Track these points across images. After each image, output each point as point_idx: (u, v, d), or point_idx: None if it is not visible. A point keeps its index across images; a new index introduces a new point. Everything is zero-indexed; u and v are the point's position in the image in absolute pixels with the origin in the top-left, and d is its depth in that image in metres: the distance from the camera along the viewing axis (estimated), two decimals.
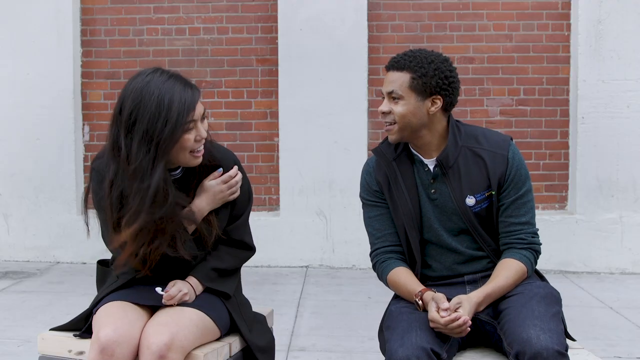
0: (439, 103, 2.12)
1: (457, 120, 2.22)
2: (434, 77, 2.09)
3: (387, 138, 2.23)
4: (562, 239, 5.41)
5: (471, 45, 5.60)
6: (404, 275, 2.16)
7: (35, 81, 5.59)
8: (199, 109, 2.02)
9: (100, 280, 2.30)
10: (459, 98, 2.21)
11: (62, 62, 5.59)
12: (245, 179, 2.25)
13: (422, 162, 2.19)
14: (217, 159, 2.18)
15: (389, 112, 2.14)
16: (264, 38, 5.68)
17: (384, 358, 1.99)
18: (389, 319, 2.12)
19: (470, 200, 2.14)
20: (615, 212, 5.42)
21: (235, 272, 2.29)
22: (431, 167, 2.17)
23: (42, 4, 5.57)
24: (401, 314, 2.08)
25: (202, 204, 2.14)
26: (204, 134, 2.04)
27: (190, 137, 2.00)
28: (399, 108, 2.12)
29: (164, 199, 1.99)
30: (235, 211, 2.25)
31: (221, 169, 2.16)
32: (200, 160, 2.09)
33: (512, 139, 2.20)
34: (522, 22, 5.58)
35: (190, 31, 5.72)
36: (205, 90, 5.55)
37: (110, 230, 2.05)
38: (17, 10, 5.58)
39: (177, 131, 1.95)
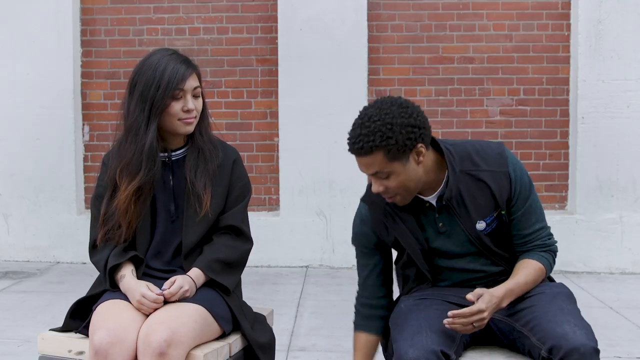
0: (423, 150, 1.97)
1: (443, 141, 2.08)
2: (401, 135, 1.90)
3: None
4: (562, 239, 5.34)
5: (471, 45, 5.60)
6: (359, 347, 2.20)
7: (35, 81, 5.59)
8: (190, 82, 2.19)
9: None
10: (459, 98, 2.18)
11: (62, 62, 5.60)
12: (244, 171, 2.35)
13: (420, 200, 2.08)
14: (218, 151, 2.31)
15: (385, 189, 1.99)
16: (264, 38, 5.68)
17: (393, 356, 1.96)
18: (398, 316, 2.10)
19: (481, 225, 2.08)
20: (615, 212, 5.42)
21: (237, 268, 2.28)
22: (433, 202, 2.08)
23: (42, 4, 5.57)
24: (411, 312, 2.06)
25: (127, 284, 2.13)
26: (191, 106, 2.19)
27: (177, 105, 2.17)
28: (392, 182, 1.97)
29: (155, 156, 2.19)
30: (231, 198, 2.29)
31: (165, 287, 2.12)
32: (190, 128, 2.22)
33: (504, 146, 2.12)
34: (522, 22, 5.58)
35: (190, 31, 5.72)
36: (206, 90, 5.53)
37: (107, 197, 2.23)
38: (17, 10, 5.58)
39: (167, 97, 2.15)
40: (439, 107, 5.56)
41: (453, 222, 2.09)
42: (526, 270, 2.07)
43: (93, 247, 2.26)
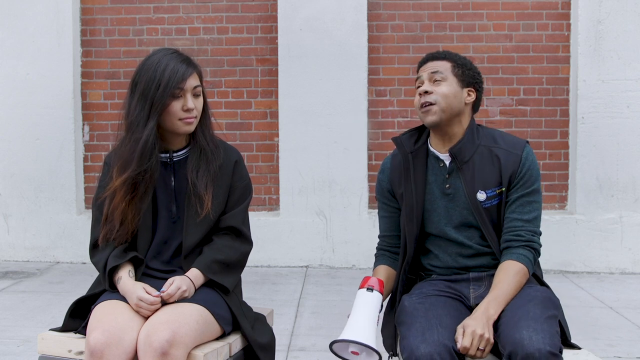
0: (473, 96, 2.23)
1: (478, 124, 2.30)
2: (471, 69, 2.23)
3: (409, 131, 2.31)
4: (562, 239, 5.41)
5: (471, 45, 5.60)
6: (379, 273, 2.34)
7: (35, 81, 5.60)
8: (191, 81, 2.19)
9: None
10: None
11: (62, 62, 5.60)
12: (245, 173, 2.35)
13: (437, 158, 2.24)
14: (220, 151, 2.31)
15: (431, 92, 2.19)
16: (264, 38, 5.69)
17: (403, 354, 1.96)
18: (403, 314, 2.11)
19: (481, 196, 2.18)
20: (615, 212, 5.42)
21: (236, 269, 2.29)
22: (447, 163, 2.23)
23: (42, 4, 5.57)
24: (417, 310, 2.08)
25: (125, 285, 2.13)
26: (191, 105, 2.19)
27: (177, 104, 2.17)
28: (442, 88, 2.19)
29: (151, 152, 2.17)
30: (232, 199, 2.29)
31: (164, 289, 2.12)
32: (190, 128, 2.22)
33: (527, 142, 2.26)
34: (522, 22, 5.58)
35: (190, 31, 5.72)
36: (206, 90, 5.54)
37: (108, 200, 2.21)
38: (17, 10, 5.58)
39: (167, 96, 2.14)
40: None
41: (459, 186, 2.20)
42: (508, 278, 2.09)
43: (94, 247, 2.25)
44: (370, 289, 2.08)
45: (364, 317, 2.00)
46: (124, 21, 5.75)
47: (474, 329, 1.93)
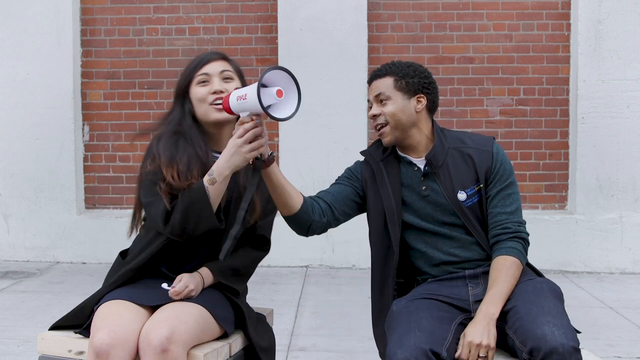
0: (424, 101, 2.26)
1: (441, 127, 2.33)
2: (414, 77, 2.25)
3: (375, 142, 2.34)
4: (562, 239, 5.41)
5: (471, 45, 5.60)
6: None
7: (35, 81, 5.60)
8: (215, 66, 2.21)
9: (114, 270, 2.29)
10: (459, 98, 2.26)
11: (62, 62, 5.60)
12: None
13: (410, 162, 2.27)
14: None
15: (379, 114, 2.25)
16: (264, 38, 5.69)
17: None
18: (390, 319, 2.13)
19: (462, 195, 2.21)
20: (615, 212, 5.42)
21: (247, 275, 2.31)
22: (421, 166, 2.25)
23: (42, 4, 5.57)
24: (401, 314, 2.09)
25: (220, 160, 2.03)
26: (218, 87, 2.18)
27: (202, 89, 2.19)
28: (388, 108, 2.23)
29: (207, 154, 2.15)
30: (268, 207, 2.30)
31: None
32: (221, 114, 2.16)
33: (494, 138, 2.31)
34: (522, 22, 5.58)
35: (190, 31, 5.72)
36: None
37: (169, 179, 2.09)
38: (17, 10, 5.58)
39: (189, 80, 2.20)
40: (439, 107, 5.55)
41: (436, 188, 2.23)
42: (502, 274, 2.11)
43: (166, 216, 2.09)
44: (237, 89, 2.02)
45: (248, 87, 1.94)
46: (124, 21, 5.75)
47: (471, 339, 1.95)
